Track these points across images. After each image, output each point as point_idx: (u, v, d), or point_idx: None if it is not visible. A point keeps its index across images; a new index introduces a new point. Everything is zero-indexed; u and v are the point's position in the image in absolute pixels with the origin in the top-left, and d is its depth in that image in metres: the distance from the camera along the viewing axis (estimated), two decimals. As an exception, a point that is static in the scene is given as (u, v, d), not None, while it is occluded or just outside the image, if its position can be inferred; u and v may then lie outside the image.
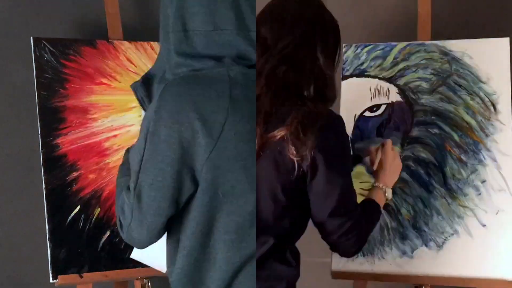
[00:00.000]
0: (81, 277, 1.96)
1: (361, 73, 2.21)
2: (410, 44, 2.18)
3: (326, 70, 1.62)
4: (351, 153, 2.11)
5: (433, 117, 2.09)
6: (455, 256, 1.98)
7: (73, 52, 2.12)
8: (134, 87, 1.62)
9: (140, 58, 2.22)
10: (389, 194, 1.80)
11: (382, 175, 1.82)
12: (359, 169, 2.12)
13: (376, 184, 1.80)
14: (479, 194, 2.01)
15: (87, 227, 2.02)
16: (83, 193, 2.03)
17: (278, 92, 1.59)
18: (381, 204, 1.78)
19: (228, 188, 1.44)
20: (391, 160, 1.85)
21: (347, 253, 1.73)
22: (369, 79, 2.19)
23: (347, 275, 2.08)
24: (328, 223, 1.61)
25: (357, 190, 2.10)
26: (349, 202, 1.63)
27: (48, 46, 2.09)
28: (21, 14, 2.29)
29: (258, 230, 1.50)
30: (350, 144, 1.68)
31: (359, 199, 2.09)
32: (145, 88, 1.60)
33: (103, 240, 2.03)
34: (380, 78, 2.18)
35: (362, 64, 2.21)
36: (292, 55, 1.60)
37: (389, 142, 1.86)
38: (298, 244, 1.68)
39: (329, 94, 1.65)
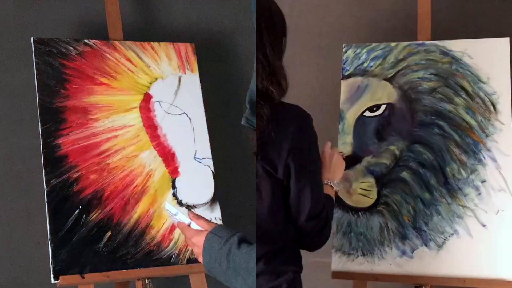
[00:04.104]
0: (83, 277, 1.96)
1: (361, 73, 2.21)
2: (410, 44, 2.17)
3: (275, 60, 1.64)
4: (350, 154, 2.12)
5: (433, 117, 2.09)
6: (455, 256, 1.99)
7: (73, 52, 2.12)
8: (246, 121, 1.62)
9: (140, 58, 2.22)
10: (336, 186, 1.84)
11: (325, 172, 1.85)
12: (359, 169, 2.13)
13: (325, 181, 1.83)
14: (479, 194, 2.01)
15: (88, 227, 2.02)
16: (84, 193, 2.03)
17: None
18: (333, 196, 1.83)
19: None
20: (330, 158, 1.87)
21: (317, 248, 1.77)
22: (369, 78, 2.20)
23: (347, 275, 2.09)
24: (305, 227, 1.66)
25: (357, 190, 2.12)
26: (319, 203, 1.67)
27: (49, 46, 2.08)
28: (22, 15, 2.29)
29: None
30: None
31: (360, 199, 2.11)
32: (251, 111, 1.61)
33: (104, 240, 2.02)
34: (380, 78, 2.18)
35: (362, 64, 2.21)
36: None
37: (326, 144, 1.88)
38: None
39: (285, 85, 1.67)
